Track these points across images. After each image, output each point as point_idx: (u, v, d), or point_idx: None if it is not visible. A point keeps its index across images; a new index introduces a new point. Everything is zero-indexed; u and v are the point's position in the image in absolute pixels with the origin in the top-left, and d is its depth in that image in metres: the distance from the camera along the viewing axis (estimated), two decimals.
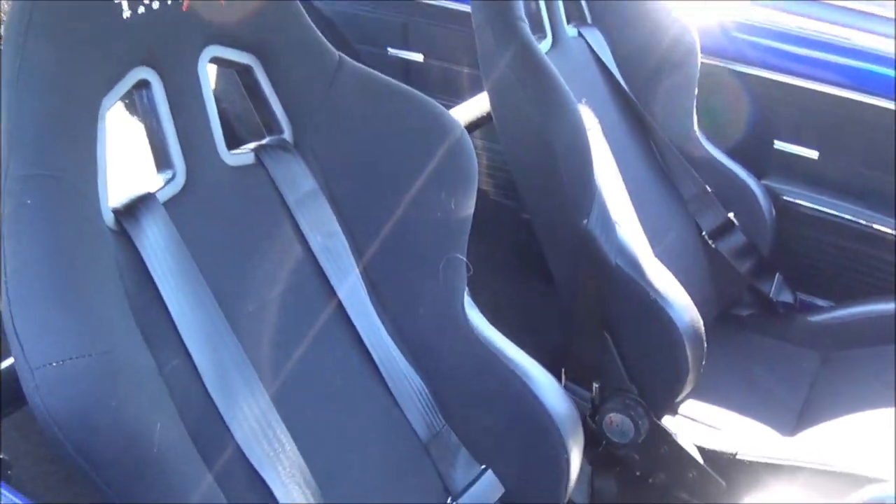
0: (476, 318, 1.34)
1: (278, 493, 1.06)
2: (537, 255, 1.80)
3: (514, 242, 2.03)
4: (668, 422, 1.78)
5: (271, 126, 1.26)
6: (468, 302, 1.34)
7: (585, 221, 1.63)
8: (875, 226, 2.13)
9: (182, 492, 0.93)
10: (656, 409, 1.75)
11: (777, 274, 2.15)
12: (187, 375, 1.04)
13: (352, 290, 1.25)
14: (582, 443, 1.38)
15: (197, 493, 0.95)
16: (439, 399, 1.32)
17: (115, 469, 0.89)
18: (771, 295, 2.14)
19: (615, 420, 1.76)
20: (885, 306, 2.07)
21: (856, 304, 2.12)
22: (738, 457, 1.73)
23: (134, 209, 1.04)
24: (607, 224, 1.66)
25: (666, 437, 1.76)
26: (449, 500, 1.31)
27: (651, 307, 1.64)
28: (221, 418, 1.05)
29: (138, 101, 1.10)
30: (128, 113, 1.80)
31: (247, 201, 1.19)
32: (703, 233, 2.08)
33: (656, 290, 1.64)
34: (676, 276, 1.70)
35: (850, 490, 1.51)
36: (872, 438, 1.71)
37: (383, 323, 1.28)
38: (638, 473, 1.83)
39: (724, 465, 1.75)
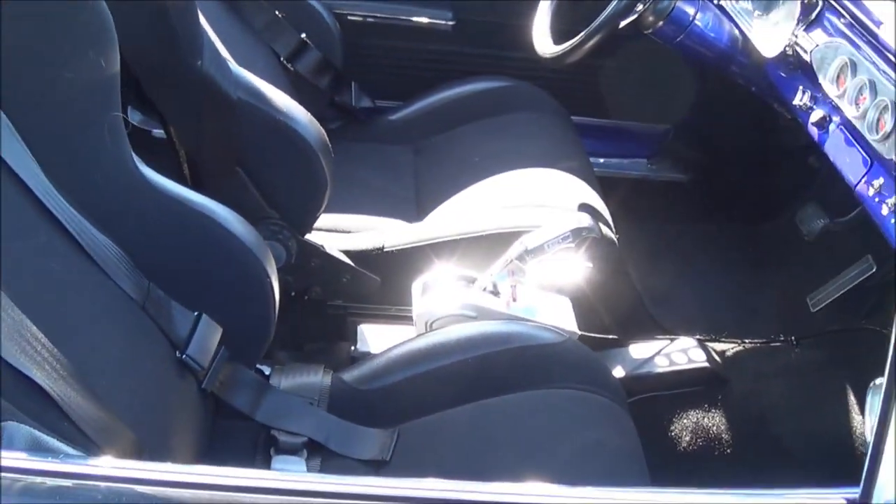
0: (149, 172, 1.33)
1: (48, 388, 1.02)
2: None
3: None
4: (312, 237, 1.87)
5: None
6: (138, 159, 1.32)
7: (200, 63, 1.63)
8: (428, 20, 2.33)
9: None
10: (300, 227, 1.83)
11: (353, 83, 2.28)
12: None
13: (30, 172, 1.18)
14: (275, 265, 1.44)
15: None
16: (137, 260, 1.30)
17: None
18: (353, 104, 2.27)
19: None
20: (454, 91, 2.29)
21: (426, 95, 2.31)
22: (385, 250, 1.87)
23: None
24: (220, 61, 1.67)
25: (315, 250, 1.85)
26: (178, 354, 1.32)
27: (280, 129, 1.69)
28: None
29: None
30: None
31: None
32: (282, 58, 2.15)
33: (280, 111, 1.69)
34: None
35: (504, 247, 1.72)
36: (498, 201, 1.94)
37: (66, 199, 1.23)
38: (293, 294, 1.91)
39: (373, 263, 1.89)
